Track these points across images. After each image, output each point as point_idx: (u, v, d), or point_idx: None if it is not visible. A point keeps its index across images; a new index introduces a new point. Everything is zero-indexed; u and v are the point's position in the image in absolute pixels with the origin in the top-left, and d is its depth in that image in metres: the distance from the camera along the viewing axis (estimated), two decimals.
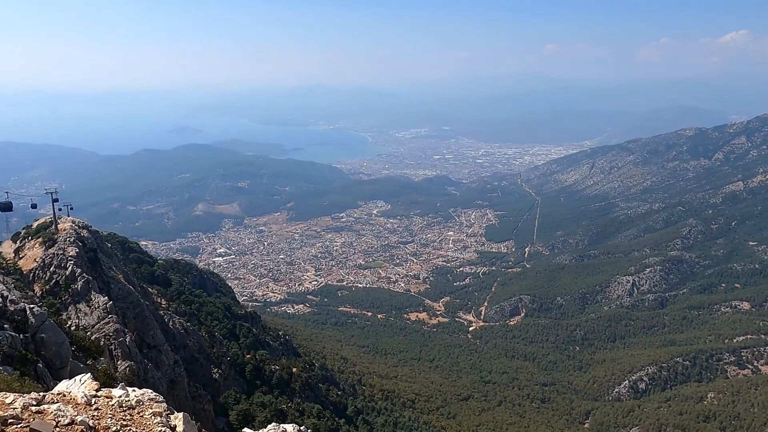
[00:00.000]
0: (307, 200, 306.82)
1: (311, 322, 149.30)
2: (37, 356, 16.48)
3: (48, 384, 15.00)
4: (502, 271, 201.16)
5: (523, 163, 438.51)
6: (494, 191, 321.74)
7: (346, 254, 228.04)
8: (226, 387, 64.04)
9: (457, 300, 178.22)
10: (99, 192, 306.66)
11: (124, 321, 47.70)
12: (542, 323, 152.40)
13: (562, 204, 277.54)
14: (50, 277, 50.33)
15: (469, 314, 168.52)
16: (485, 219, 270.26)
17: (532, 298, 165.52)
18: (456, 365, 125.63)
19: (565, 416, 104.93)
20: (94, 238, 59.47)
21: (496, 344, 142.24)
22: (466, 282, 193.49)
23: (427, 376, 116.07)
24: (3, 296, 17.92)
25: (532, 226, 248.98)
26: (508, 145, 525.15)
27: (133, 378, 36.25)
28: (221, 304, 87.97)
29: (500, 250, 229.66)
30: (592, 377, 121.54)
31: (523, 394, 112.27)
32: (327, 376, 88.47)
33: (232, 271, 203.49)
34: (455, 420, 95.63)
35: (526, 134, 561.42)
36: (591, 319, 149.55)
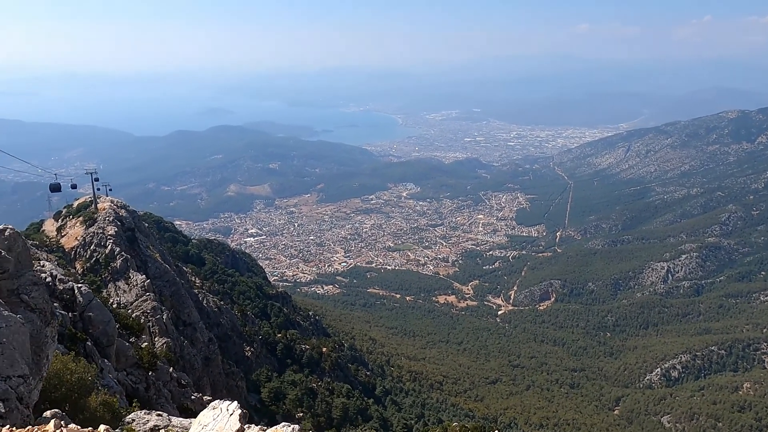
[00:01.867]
0: (337, 182, 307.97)
1: (340, 303, 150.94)
2: (85, 334, 17.16)
3: (97, 362, 15.64)
4: (532, 255, 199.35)
5: (556, 146, 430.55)
6: (526, 174, 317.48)
7: (375, 236, 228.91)
8: (258, 365, 65.49)
9: (486, 283, 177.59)
10: (134, 172, 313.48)
11: (160, 299, 49.02)
12: (573, 308, 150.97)
13: (595, 188, 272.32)
14: (91, 255, 51.95)
15: (498, 298, 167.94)
16: (516, 202, 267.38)
17: (562, 283, 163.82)
18: (484, 348, 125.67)
19: (594, 402, 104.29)
20: (131, 218, 61.05)
21: (525, 329, 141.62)
22: (495, 266, 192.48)
23: (455, 358, 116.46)
24: (53, 275, 18.64)
25: (564, 210, 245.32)
26: (540, 128, 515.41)
27: (171, 355, 37.32)
28: (253, 283, 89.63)
29: (531, 234, 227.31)
30: (623, 364, 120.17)
31: (552, 379, 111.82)
32: (356, 357, 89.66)
33: (263, 251, 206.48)
34: (483, 403, 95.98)
35: (559, 117, 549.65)
36: (623, 306, 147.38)
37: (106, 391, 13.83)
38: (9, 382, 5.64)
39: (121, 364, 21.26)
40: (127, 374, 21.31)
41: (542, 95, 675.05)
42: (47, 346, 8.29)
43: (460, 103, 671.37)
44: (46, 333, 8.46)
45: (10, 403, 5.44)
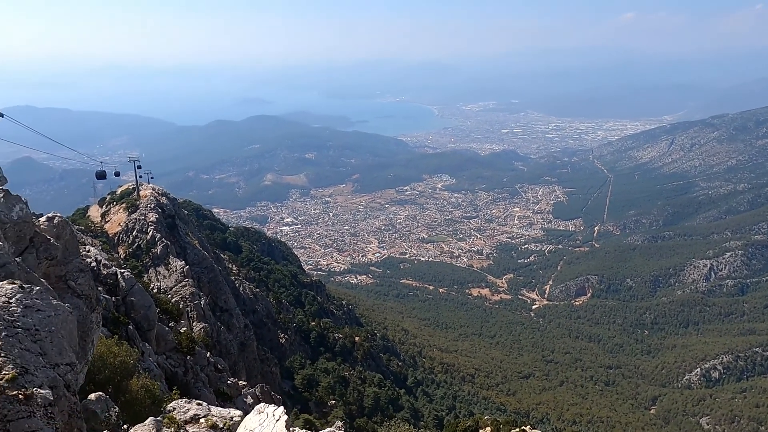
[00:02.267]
0: (372, 173, 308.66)
1: (373, 293, 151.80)
2: (127, 318, 17.81)
3: (138, 345, 16.23)
4: (569, 249, 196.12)
5: (596, 138, 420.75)
6: (564, 167, 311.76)
7: (409, 227, 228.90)
8: (292, 352, 66.60)
9: (521, 277, 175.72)
10: (175, 161, 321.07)
11: (198, 285, 50.19)
12: (609, 305, 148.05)
13: (636, 182, 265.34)
14: (133, 240, 53.60)
15: (532, 292, 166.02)
16: (553, 196, 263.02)
17: (599, 279, 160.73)
18: (517, 343, 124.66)
19: (630, 401, 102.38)
20: (172, 205, 62.64)
21: (560, 324, 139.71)
22: (530, 259, 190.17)
23: (488, 351, 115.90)
24: (97, 260, 19.36)
25: (603, 204, 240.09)
26: (580, 120, 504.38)
27: (208, 339, 38.24)
28: (288, 272, 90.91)
29: (568, 229, 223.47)
30: (661, 363, 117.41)
31: (587, 376, 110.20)
32: (388, 347, 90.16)
33: (298, 240, 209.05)
34: (515, 397, 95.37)
35: (600, 109, 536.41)
36: (662, 303, 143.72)
37: (147, 374, 14.34)
38: (57, 370, 5.94)
39: (161, 348, 21.97)
40: (167, 358, 22.02)
41: (583, 87, 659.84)
42: (92, 332, 8.67)
43: (498, 94, 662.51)
44: (92, 319, 8.84)
45: (58, 391, 5.73)
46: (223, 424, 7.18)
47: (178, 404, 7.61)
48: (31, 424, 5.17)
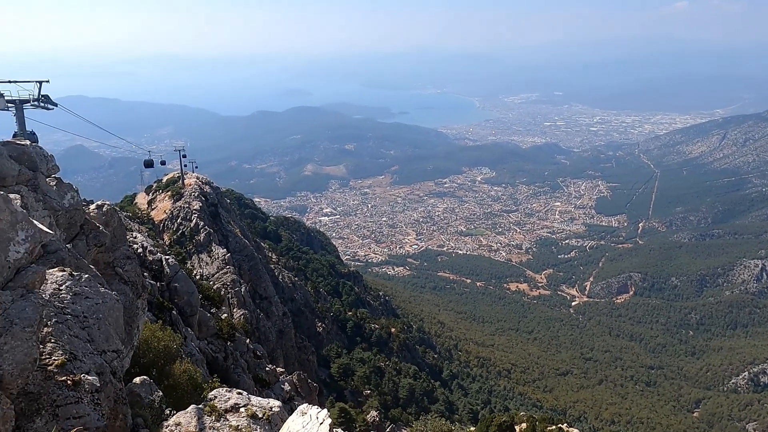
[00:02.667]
0: (411, 164, 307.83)
1: (410, 285, 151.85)
2: (171, 304, 18.31)
3: (181, 331, 16.69)
4: (611, 246, 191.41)
5: (643, 132, 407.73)
6: (608, 161, 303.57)
7: (447, 220, 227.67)
8: (329, 341, 67.39)
9: (561, 273, 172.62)
10: (218, 150, 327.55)
11: (239, 272, 51.21)
12: (653, 303, 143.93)
13: (684, 178, 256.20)
14: (177, 228, 55.05)
15: (572, 288, 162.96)
16: (596, 190, 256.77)
17: (643, 277, 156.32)
18: (555, 339, 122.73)
19: (672, 402, 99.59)
20: (215, 194, 64.03)
21: (600, 321, 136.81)
22: (571, 255, 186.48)
23: (525, 347, 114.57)
24: (143, 246, 19.95)
25: (648, 200, 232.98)
26: (626, 113, 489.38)
27: (247, 326, 38.98)
28: (326, 261, 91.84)
29: (611, 224, 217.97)
30: (706, 365, 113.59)
31: (627, 375, 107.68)
32: (424, 339, 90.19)
33: (337, 230, 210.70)
34: (552, 394, 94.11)
35: (648, 101, 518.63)
36: (709, 303, 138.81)
37: (189, 359, 14.71)
38: (104, 357, 6.12)
39: (203, 334, 22.54)
40: (208, 343, 22.58)
41: (630, 78, 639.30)
42: (138, 317, 8.93)
43: (540, 86, 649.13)
44: (137, 305, 9.11)
45: (104, 377, 5.91)
46: (263, 414, 7.29)
47: (219, 392, 7.76)
48: (79, 410, 5.35)
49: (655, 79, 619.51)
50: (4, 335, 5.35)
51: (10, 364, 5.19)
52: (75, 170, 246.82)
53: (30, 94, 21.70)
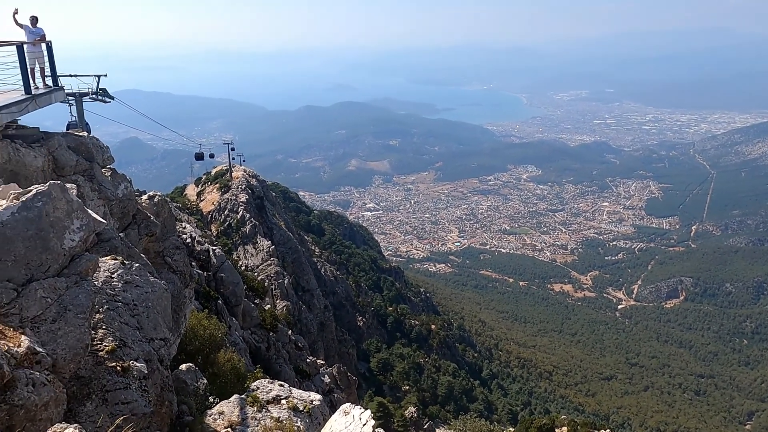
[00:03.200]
0: (456, 161, 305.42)
1: (452, 282, 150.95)
2: (217, 293, 18.73)
3: (226, 320, 17.05)
4: (661, 248, 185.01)
5: (699, 131, 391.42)
6: (660, 161, 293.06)
7: (491, 218, 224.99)
8: (369, 335, 67.76)
9: (607, 275, 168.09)
10: (265, 144, 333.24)
11: (283, 264, 52.05)
12: (704, 310, 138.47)
13: (742, 179, 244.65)
14: (224, 219, 56.38)
15: (618, 291, 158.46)
16: (647, 191, 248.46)
17: (694, 281, 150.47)
18: (600, 342, 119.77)
19: (722, 413, 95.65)
20: (261, 187, 65.23)
21: (648, 326, 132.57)
22: (618, 257, 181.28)
23: (568, 349, 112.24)
24: (192, 237, 20.47)
25: (703, 202, 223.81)
26: (681, 111, 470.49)
27: (290, 317, 39.55)
28: (368, 256, 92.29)
29: (661, 226, 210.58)
30: (761, 375, 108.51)
31: (674, 383, 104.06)
32: (464, 337, 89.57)
33: (379, 226, 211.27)
34: (594, 398, 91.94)
35: (705, 99, 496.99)
36: (766, 312, 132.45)
37: (233, 348, 15.00)
38: (152, 344, 6.27)
39: (246, 324, 22.99)
40: (251, 333, 23.02)
41: (686, 74, 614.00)
42: (185, 306, 9.15)
43: (590, 82, 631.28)
44: (185, 294, 9.33)
45: (152, 364, 6.06)
46: (303, 406, 7.35)
47: (261, 384, 7.86)
48: (127, 396, 5.50)
49: (714, 75, 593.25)
50: (58, 321, 5.54)
51: (64, 349, 5.38)
52: (129, 161, 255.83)
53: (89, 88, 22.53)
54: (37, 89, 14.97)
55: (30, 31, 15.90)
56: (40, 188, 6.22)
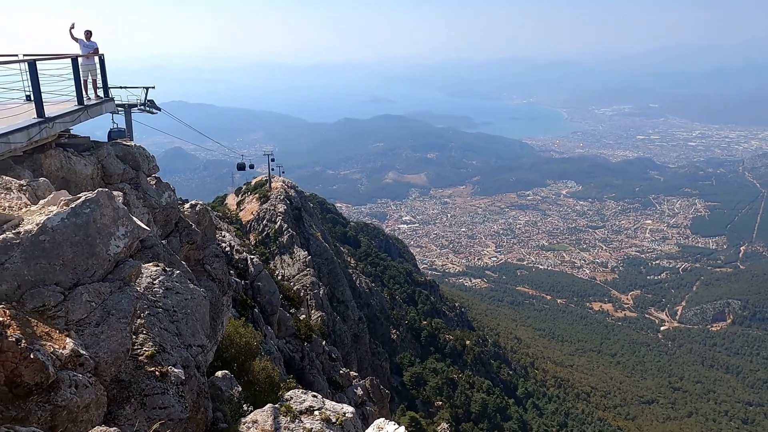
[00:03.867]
0: (494, 175, 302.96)
1: (487, 298, 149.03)
2: (253, 302, 18.98)
3: (261, 328, 17.24)
4: (707, 269, 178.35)
5: (749, 148, 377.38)
6: (707, 179, 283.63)
7: (529, 233, 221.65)
8: (402, 348, 67.35)
9: (649, 295, 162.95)
10: (304, 155, 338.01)
11: (319, 275, 52.40)
12: (753, 334, 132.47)
13: None
14: (262, 229, 57.24)
15: (661, 312, 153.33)
16: (692, 209, 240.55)
17: (743, 304, 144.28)
18: (641, 365, 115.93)
19: None
20: (299, 198, 66.07)
21: (692, 349, 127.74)
22: (661, 276, 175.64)
23: (607, 370, 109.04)
24: (231, 245, 20.85)
25: (753, 221, 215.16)
26: (730, 127, 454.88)
27: (324, 328, 39.69)
28: (403, 269, 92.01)
29: (708, 246, 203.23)
30: None
31: (720, 410, 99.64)
32: (499, 354, 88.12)
33: (415, 239, 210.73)
34: (634, 423, 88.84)
35: (756, 115, 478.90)
36: None
37: (268, 357, 15.13)
38: (190, 351, 6.38)
39: (282, 333, 23.18)
40: (286, 342, 23.19)
41: (736, 90, 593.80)
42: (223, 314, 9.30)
43: (634, 97, 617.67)
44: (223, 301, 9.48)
45: (189, 370, 6.15)
46: (336, 418, 7.34)
47: (295, 394, 7.89)
48: (164, 401, 5.60)
49: (765, 90, 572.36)
50: (101, 324, 5.70)
51: (106, 352, 5.52)
52: (173, 170, 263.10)
53: (137, 99, 23.34)
54: (90, 100, 15.58)
55: (84, 45, 16.62)
56: (88, 195, 6.44)
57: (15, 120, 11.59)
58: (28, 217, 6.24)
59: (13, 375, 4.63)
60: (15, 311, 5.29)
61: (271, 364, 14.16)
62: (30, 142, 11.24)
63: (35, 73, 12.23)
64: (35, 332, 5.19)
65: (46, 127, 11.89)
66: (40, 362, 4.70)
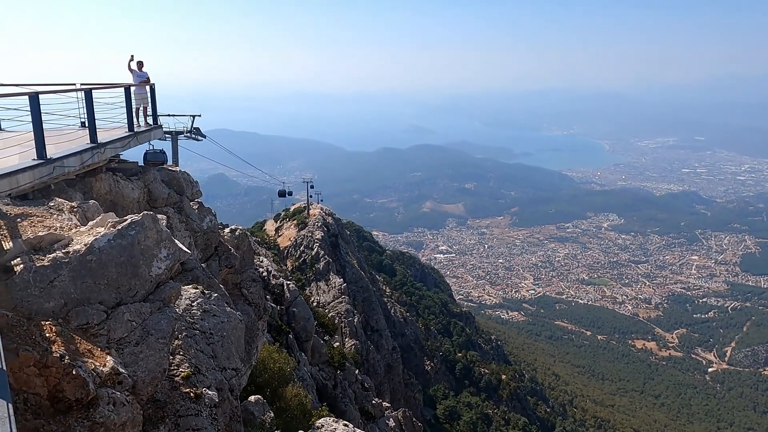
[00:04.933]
0: (532, 207, 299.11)
1: (524, 332, 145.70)
2: (288, 327, 19.09)
3: (295, 355, 17.29)
4: (759, 309, 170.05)
5: None
6: (757, 214, 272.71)
7: (568, 266, 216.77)
8: (436, 380, 66.18)
9: (696, 334, 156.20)
10: (343, 183, 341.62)
11: (353, 302, 52.35)
12: None
13: None
14: (299, 255, 57.81)
15: (709, 353, 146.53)
16: (742, 246, 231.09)
17: None
18: (686, 408, 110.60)
19: None
20: (336, 225, 66.61)
21: (743, 393, 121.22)
22: (709, 315, 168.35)
23: (650, 412, 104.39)
24: (268, 270, 21.12)
25: None
26: None
27: (357, 357, 39.44)
28: (439, 299, 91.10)
29: (759, 285, 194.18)
30: None
31: None
32: (536, 390, 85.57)
33: (451, 269, 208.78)
34: None
35: None
36: None
37: (301, 383, 15.12)
38: (225, 374, 6.46)
39: (315, 360, 23.16)
40: (319, 370, 23.13)
41: None
42: (258, 338, 9.39)
43: (679, 129, 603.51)
44: (258, 326, 9.59)
45: (223, 393, 6.22)
46: None
47: (326, 422, 7.85)
48: (198, 423, 5.66)
49: None
50: (140, 344, 5.85)
51: (144, 372, 5.64)
52: (215, 196, 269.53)
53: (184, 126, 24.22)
54: (140, 127, 16.28)
55: (137, 75, 17.45)
56: (134, 218, 6.69)
57: (70, 145, 12.19)
58: (78, 238, 6.51)
59: (56, 390, 4.78)
60: (60, 328, 5.48)
61: (304, 391, 14.14)
62: (82, 167, 11.78)
63: (90, 101, 12.90)
64: (78, 349, 5.36)
65: (98, 153, 12.47)
66: (82, 378, 4.85)
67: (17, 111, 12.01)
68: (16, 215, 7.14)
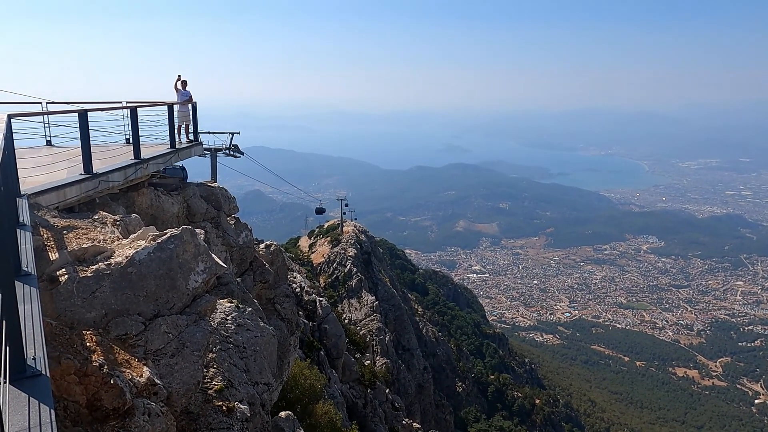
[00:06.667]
0: (568, 227, 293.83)
1: (559, 355, 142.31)
2: (320, 344, 19.13)
3: (326, 372, 17.30)
4: None
5: None
6: None
7: (605, 289, 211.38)
8: (468, 402, 65.07)
9: (741, 363, 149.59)
10: (377, 201, 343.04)
11: (385, 321, 52.17)
12: None
13: None
14: (332, 272, 58.09)
15: (756, 383, 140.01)
16: None
17: None
18: None
19: None
20: (369, 243, 66.78)
21: None
22: (756, 344, 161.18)
23: None
24: (301, 287, 21.27)
25: None
26: None
27: (388, 376, 39.17)
28: (471, 320, 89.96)
29: None
30: None
31: None
32: (571, 416, 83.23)
33: (485, 289, 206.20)
34: None
35: None
36: None
37: (331, 401, 15.08)
38: (257, 388, 6.51)
39: (346, 377, 23.09)
40: (350, 387, 23.05)
41: None
42: (290, 354, 9.45)
43: (723, 151, 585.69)
44: (291, 342, 9.66)
45: (254, 408, 6.26)
46: None
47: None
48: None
49: None
50: (176, 356, 5.96)
51: (178, 383, 5.74)
52: (251, 212, 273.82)
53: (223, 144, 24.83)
54: (181, 144, 16.77)
55: (181, 94, 18.04)
56: (173, 232, 6.87)
57: (114, 161, 12.65)
58: (119, 250, 6.72)
59: (94, 398, 4.90)
60: (100, 338, 5.64)
61: (334, 408, 14.09)
62: (126, 181, 12.19)
63: (135, 119, 13.39)
64: (116, 359, 5.50)
65: (141, 168, 12.89)
66: (119, 388, 4.96)
67: (66, 128, 12.57)
68: (63, 227, 7.42)
